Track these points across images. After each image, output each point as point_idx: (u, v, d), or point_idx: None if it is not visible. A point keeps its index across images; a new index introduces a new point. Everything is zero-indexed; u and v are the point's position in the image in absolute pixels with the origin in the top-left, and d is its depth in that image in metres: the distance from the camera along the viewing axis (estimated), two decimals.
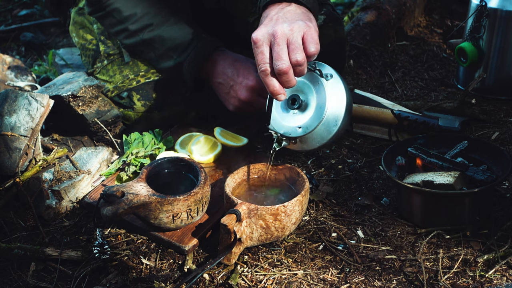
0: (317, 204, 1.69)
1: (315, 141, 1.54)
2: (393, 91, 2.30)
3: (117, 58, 1.99)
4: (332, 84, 1.53)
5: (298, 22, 1.47)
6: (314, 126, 1.51)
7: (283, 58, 1.44)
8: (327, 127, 1.51)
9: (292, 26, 1.46)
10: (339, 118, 1.51)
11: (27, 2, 3.61)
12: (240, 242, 1.46)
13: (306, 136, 1.53)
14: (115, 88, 1.96)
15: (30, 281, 1.47)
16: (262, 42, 1.46)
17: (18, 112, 1.76)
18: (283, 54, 1.44)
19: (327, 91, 1.51)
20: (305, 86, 1.55)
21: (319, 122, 1.51)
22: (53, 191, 1.67)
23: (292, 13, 1.51)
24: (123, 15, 1.88)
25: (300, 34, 1.46)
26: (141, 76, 1.95)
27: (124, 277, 1.46)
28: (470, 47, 2.15)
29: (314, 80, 1.54)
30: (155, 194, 1.47)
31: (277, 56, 1.44)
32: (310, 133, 1.52)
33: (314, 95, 1.53)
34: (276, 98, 1.49)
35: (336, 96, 1.52)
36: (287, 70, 1.44)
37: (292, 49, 1.44)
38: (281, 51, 1.44)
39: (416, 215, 1.59)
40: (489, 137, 1.94)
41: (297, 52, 1.44)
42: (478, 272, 1.41)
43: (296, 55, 1.44)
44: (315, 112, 1.52)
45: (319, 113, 1.51)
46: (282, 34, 1.45)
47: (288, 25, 1.46)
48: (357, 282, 1.42)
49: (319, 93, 1.52)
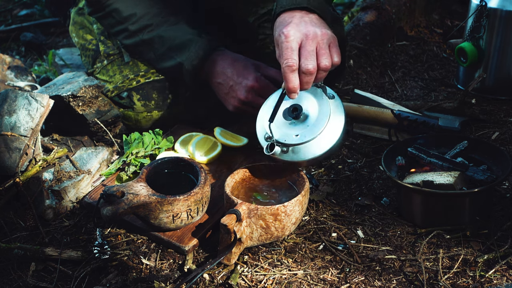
0: (317, 204, 1.69)
1: (306, 154, 1.54)
2: (393, 91, 2.30)
3: (117, 58, 1.99)
4: (334, 104, 1.57)
5: (327, 30, 1.52)
6: (312, 137, 1.52)
7: (313, 59, 1.47)
8: (322, 143, 1.53)
9: (323, 32, 1.50)
10: (335, 137, 1.54)
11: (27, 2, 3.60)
12: (240, 242, 1.46)
13: (300, 146, 1.53)
14: (115, 88, 1.96)
15: (30, 281, 1.47)
16: (293, 38, 1.48)
17: (18, 112, 1.76)
18: (313, 56, 1.48)
19: (331, 108, 1.55)
20: (308, 99, 1.58)
21: (317, 134, 1.52)
22: (53, 191, 1.67)
23: (319, 22, 1.55)
24: (123, 16, 1.88)
25: (328, 41, 1.50)
26: (141, 76, 1.95)
27: (124, 277, 1.46)
28: (470, 47, 2.15)
29: (318, 95, 1.58)
30: (155, 194, 1.47)
31: (308, 55, 1.47)
32: (304, 144, 1.53)
33: (316, 109, 1.56)
34: (290, 96, 1.51)
35: (337, 116, 1.55)
36: (314, 71, 1.48)
37: (322, 54, 1.49)
38: (312, 52, 1.48)
39: (416, 215, 1.59)
40: (489, 137, 1.94)
41: (326, 58, 1.49)
42: (478, 272, 1.41)
43: (324, 60, 1.48)
44: (315, 124, 1.54)
45: (319, 126, 1.53)
46: (314, 37, 1.48)
47: (320, 30, 1.50)
48: (357, 282, 1.42)
49: (322, 108, 1.56)
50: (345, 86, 2.30)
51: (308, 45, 1.48)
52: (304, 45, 1.48)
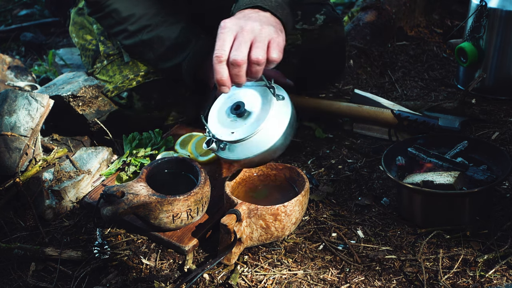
0: (317, 204, 1.69)
1: (242, 153, 1.47)
2: (393, 91, 2.30)
3: (117, 58, 1.99)
4: (280, 106, 1.48)
5: (270, 27, 1.44)
6: (247, 136, 1.45)
7: (242, 50, 1.39)
8: (258, 144, 1.46)
9: (263, 27, 1.43)
10: (273, 139, 1.45)
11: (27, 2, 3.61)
12: (240, 242, 1.46)
13: (235, 144, 1.47)
14: (115, 88, 1.96)
15: (30, 281, 1.47)
16: (229, 29, 1.42)
17: (18, 112, 1.76)
18: (244, 47, 1.40)
19: (272, 109, 1.46)
20: (254, 97, 1.51)
21: (252, 134, 1.45)
22: (53, 191, 1.67)
23: (267, 18, 1.48)
24: (122, 16, 1.88)
25: (268, 37, 1.42)
26: (141, 76, 1.95)
27: (124, 277, 1.46)
28: (470, 47, 2.15)
29: (265, 95, 1.50)
30: (155, 194, 1.47)
31: (237, 46, 1.40)
32: (240, 142, 1.47)
33: (259, 109, 1.48)
34: (220, 89, 1.43)
35: (278, 118, 1.47)
36: (241, 63, 1.39)
37: (256, 47, 1.40)
38: (243, 44, 1.40)
39: (416, 215, 1.59)
40: (489, 137, 1.93)
41: (259, 51, 1.40)
42: (478, 272, 1.41)
43: (257, 53, 1.40)
44: (253, 124, 1.46)
45: (255, 125, 1.46)
46: (251, 29, 1.42)
47: (259, 24, 1.43)
48: (357, 282, 1.42)
49: (264, 108, 1.47)
50: (345, 86, 2.30)
51: (242, 36, 1.40)
52: (237, 37, 1.41)
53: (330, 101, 2.04)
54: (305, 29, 2.09)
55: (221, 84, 1.42)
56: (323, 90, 2.24)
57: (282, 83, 1.98)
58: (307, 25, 2.09)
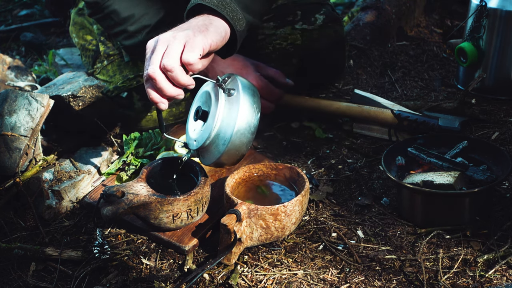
0: (317, 204, 1.69)
1: (209, 158, 1.46)
2: (393, 91, 2.30)
3: (117, 59, 1.99)
4: (231, 101, 1.43)
5: (186, 31, 1.41)
6: (203, 142, 1.44)
7: (152, 63, 1.38)
8: (217, 146, 1.42)
9: (176, 34, 1.40)
10: (226, 138, 1.41)
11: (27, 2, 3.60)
12: (240, 242, 1.46)
13: (202, 151, 1.47)
14: (115, 88, 1.96)
15: (30, 281, 1.47)
16: (148, 48, 1.42)
17: (18, 112, 1.76)
18: (155, 60, 1.38)
19: (220, 107, 1.42)
20: (209, 99, 1.48)
21: (206, 139, 1.43)
22: (53, 191, 1.67)
23: (191, 24, 1.45)
24: (121, 17, 1.88)
25: (181, 42, 1.39)
26: (141, 76, 1.95)
27: (124, 277, 1.46)
28: (470, 47, 2.15)
29: (218, 93, 1.45)
30: (155, 194, 1.47)
31: (148, 62, 1.39)
32: (202, 148, 1.45)
33: (212, 110, 1.44)
34: (156, 107, 1.41)
35: (229, 115, 1.41)
36: (152, 75, 1.37)
37: (165, 55, 1.38)
38: (154, 57, 1.38)
39: (416, 215, 1.59)
40: (489, 137, 1.93)
41: (166, 58, 1.37)
42: (478, 272, 1.41)
43: (164, 61, 1.37)
44: (207, 127, 1.44)
45: (209, 128, 1.43)
46: (163, 41, 1.40)
47: (172, 33, 1.41)
48: (357, 282, 1.42)
49: (214, 109, 1.44)
50: (345, 86, 2.30)
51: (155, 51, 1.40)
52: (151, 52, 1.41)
53: (330, 101, 2.04)
54: (304, 29, 2.09)
55: (155, 102, 1.40)
56: (323, 90, 2.24)
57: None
58: (307, 25, 2.09)
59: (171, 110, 1.97)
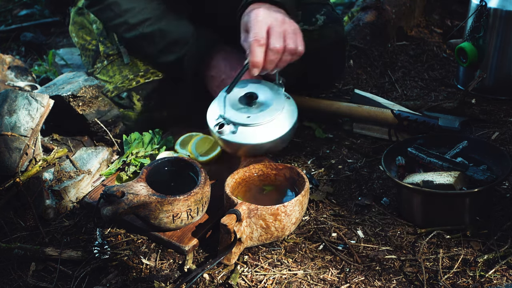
0: (317, 204, 1.69)
1: (254, 138, 1.54)
2: (393, 91, 2.30)
3: (117, 59, 1.99)
4: (289, 102, 1.61)
5: (294, 22, 1.59)
6: (263, 121, 1.54)
7: (281, 40, 1.53)
8: (272, 131, 1.55)
9: (291, 22, 1.57)
10: (284, 129, 1.56)
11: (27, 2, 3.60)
12: (240, 242, 1.46)
13: (248, 128, 1.54)
14: (115, 89, 1.96)
15: (30, 281, 1.47)
16: (263, 19, 1.53)
17: (18, 112, 1.76)
18: (281, 38, 1.53)
19: (285, 103, 1.59)
20: (265, 91, 1.61)
21: (268, 121, 1.54)
22: (53, 191, 1.67)
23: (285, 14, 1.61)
24: (122, 8, 1.87)
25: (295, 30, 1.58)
26: (140, 76, 1.95)
27: (124, 277, 1.46)
28: (470, 47, 2.15)
29: (275, 90, 1.61)
30: (155, 194, 1.47)
31: (277, 36, 1.53)
32: (255, 126, 1.54)
33: (271, 100, 1.58)
34: (252, 72, 1.54)
35: (289, 112, 1.59)
36: (280, 51, 1.53)
37: (289, 37, 1.54)
38: (280, 34, 1.53)
39: (416, 215, 1.59)
40: (489, 137, 1.94)
41: (293, 41, 1.55)
42: (478, 272, 1.41)
43: (292, 43, 1.54)
44: (268, 113, 1.55)
45: (271, 114, 1.55)
46: (282, 22, 1.55)
47: (288, 19, 1.58)
48: (357, 282, 1.42)
49: (276, 101, 1.58)
50: (345, 86, 2.30)
51: (277, 27, 1.53)
52: (272, 27, 1.53)
53: (330, 101, 2.04)
54: (305, 30, 2.09)
55: (255, 66, 1.53)
56: (323, 90, 2.24)
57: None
58: (308, 25, 2.09)
59: (171, 110, 1.96)
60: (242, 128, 1.54)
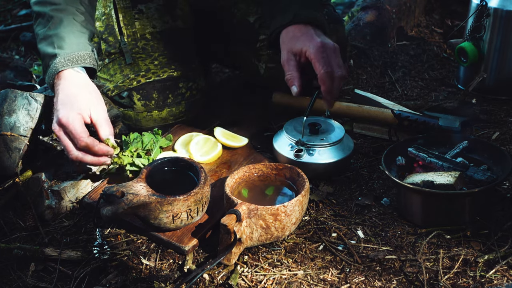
0: (317, 204, 1.69)
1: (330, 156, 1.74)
2: (393, 91, 2.30)
3: (118, 57, 1.99)
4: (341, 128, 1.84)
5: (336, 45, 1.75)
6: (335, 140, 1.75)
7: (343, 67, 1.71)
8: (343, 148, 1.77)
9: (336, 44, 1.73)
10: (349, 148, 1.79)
11: (27, 2, 3.60)
12: (240, 242, 1.46)
13: (324, 149, 1.74)
14: (115, 88, 1.96)
15: (30, 281, 1.47)
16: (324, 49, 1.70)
17: (17, 112, 1.76)
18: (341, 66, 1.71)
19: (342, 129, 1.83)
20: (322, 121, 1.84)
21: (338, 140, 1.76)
22: (53, 191, 1.67)
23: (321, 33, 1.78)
24: None
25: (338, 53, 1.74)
26: (141, 76, 1.95)
27: (124, 277, 1.46)
28: (470, 47, 2.15)
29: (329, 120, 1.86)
30: (155, 194, 1.47)
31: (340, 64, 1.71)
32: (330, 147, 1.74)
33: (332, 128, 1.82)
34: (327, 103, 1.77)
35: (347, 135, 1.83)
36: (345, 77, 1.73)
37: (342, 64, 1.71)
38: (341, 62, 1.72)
39: (416, 215, 1.59)
40: (489, 137, 1.93)
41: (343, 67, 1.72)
42: (478, 272, 1.41)
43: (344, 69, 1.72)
44: (335, 135, 1.78)
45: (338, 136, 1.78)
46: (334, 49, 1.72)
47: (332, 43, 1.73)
48: (357, 282, 1.42)
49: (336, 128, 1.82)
50: (345, 86, 2.30)
51: (335, 55, 1.70)
52: (330, 55, 1.69)
53: None
54: None
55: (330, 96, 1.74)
56: None
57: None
58: None
59: (171, 109, 1.96)
60: (319, 150, 1.74)
